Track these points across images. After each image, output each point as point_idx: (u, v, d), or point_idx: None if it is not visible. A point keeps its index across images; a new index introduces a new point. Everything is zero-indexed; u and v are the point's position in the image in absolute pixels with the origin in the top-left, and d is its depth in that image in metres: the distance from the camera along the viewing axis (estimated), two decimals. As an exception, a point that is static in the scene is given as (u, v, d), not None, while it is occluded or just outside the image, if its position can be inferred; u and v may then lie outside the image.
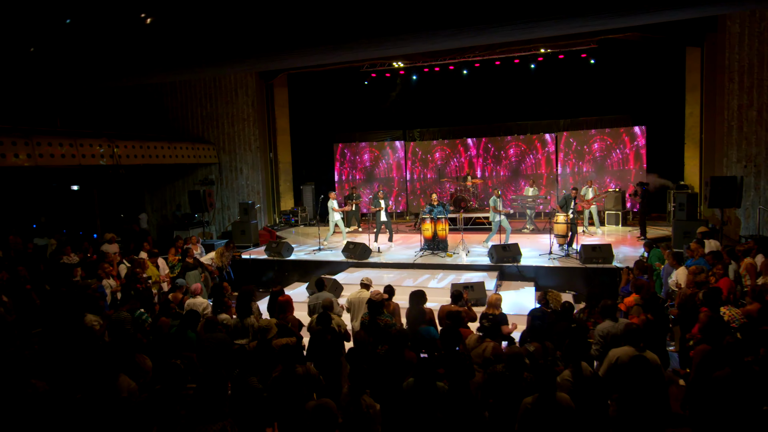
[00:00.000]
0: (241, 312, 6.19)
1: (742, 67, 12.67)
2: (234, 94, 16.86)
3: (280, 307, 6.24)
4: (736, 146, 12.92)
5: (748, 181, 12.78)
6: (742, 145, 12.88)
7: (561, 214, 10.57)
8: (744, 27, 12.60)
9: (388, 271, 10.37)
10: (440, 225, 11.09)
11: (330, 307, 6.06)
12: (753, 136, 12.75)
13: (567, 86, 16.29)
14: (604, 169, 16.08)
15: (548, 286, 9.72)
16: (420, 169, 18.05)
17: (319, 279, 7.27)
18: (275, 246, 11.58)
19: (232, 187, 17.19)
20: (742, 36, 12.65)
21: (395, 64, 17.00)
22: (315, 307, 6.92)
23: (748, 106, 12.73)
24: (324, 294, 7.05)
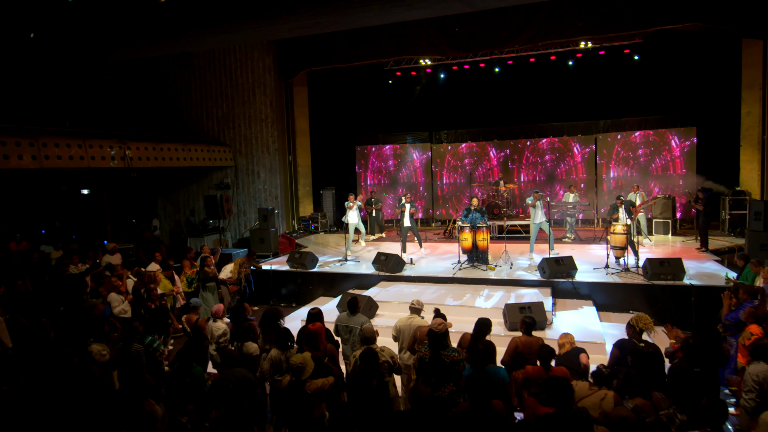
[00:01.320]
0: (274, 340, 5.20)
1: (810, 61, 11.49)
2: (251, 94, 15.96)
3: (312, 337, 5.20)
4: (803, 149, 11.72)
5: (815, 187, 11.61)
6: (810, 148, 11.68)
7: (619, 223, 9.44)
8: (812, 17, 11.42)
9: (425, 286, 9.32)
10: (480, 234, 10.02)
11: (372, 340, 5.02)
12: (821, 138, 11.55)
13: (608, 84, 15.15)
14: (648, 173, 14.90)
15: (606, 305, 8.64)
16: (447, 173, 16.99)
17: (353, 299, 6.21)
18: (298, 257, 10.59)
19: (248, 191, 16.27)
20: (810, 27, 11.48)
21: (422, 62, 16.01)
22: (341, 329, 5.93)
23: (817, 104, 11.53)
24: (359, 318, 6.00)
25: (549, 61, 15.22)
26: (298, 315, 9.20)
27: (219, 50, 16.02)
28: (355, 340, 5.76)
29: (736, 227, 12.89)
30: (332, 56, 14.18)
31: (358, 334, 5.71)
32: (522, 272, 9.65)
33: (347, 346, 5.90)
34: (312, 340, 5.13)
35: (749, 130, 13.52)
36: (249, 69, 15.92)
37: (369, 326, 5.42)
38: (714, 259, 10.27)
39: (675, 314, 8.25)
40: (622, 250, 9.40)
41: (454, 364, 4.67)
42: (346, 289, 10.05)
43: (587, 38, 12.07)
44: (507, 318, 7.17)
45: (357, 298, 6.12)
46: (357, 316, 5.96)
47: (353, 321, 5.87)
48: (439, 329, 4.87)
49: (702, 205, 10.72)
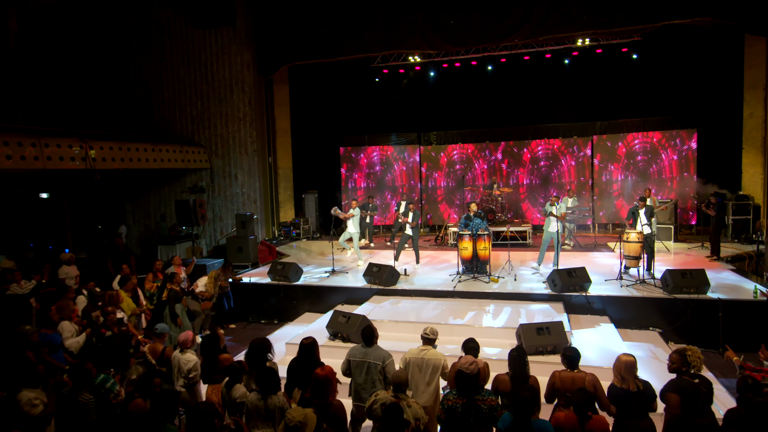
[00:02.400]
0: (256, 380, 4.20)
1: (818, 60, 11.00)
2: (228, 91, 14.86)
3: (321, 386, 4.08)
4: (810, 151, 11.20)
5: (823, 192, 11.11)
6: (817, 151, 11.17)
7: (632, 231, 8.68)
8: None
9: (423, 301, 8.40)
10: (481, 243, 9.16)
11: (403, 387, 4.08)
12: (828, 140, 11.05)
13: (605, 84, 14.55)
14: (647, 176, 14.30)
15: (622, 320, 7.85)
16: (437, 176, 16.15)
17: (368, 328, 5.03)
18: (281, 268, 9.56)
19: (225, 195, 15.13)
20: (818, 25, 10.97)
21: (411, 59, 15.16)
22: (355, 367, 4.91)
23: (824, 105, 11.03)
24: (378, 352, 4.82)
25: (544, 59, 14.53)
26: (281, 335, 8.18)
27: (194, 45, 14.90)
28: (374, 379, 4.75)
29: (741, 233, 12.34)
30: (315, 50, 13.20)
31: (377, 372, 4.74)
32: (529, 285, 8.81)
33: (360, 384, 4.85)
34: (321, 390, 4.03)
35: (752, 132, 13.02)
36: (226, 64, 14.83)
37: (401, 372, 4.43)
38: (729, 268, 9.61)
39: (700, 332, 7.53)
40: (636, 259, 8.65)
41: (491, 411, 3.77)
42: (334, 303, 9.07)
43: (591, 33, 11.38)
44: (523, 340, 6.30)
45: (372, 327, 5.09)
46: (374, 349, 4.95)
47: (371, 355, 4.84)
48: (470, 370, 3.93)
49: (715, 211, 10.06)
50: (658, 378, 6.09)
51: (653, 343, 7.28)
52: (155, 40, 15.14)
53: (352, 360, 4.91)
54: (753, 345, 7.41)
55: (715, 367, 6.80)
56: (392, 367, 4.77)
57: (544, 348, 6.26)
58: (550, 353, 6.29)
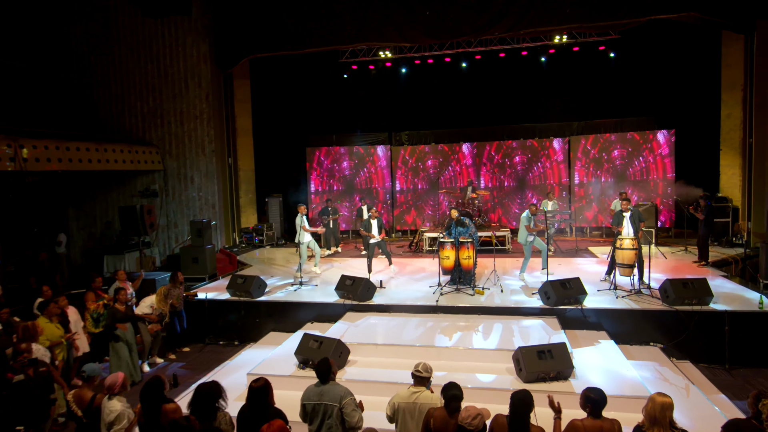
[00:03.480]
0: None
1: (796, 60, 10.78)
2: (183, 86, 13.63)
3: None
4: (790, 153, 10.98)
5: (802, 194, 10.90)
6: (796, 152, 10.95)
7: (627, 237, 8.07)
8: (798, 14, 10.72)
9: (404, 318, 7.52)
10: (464, 251, 8.37)
11: None
12: (808, 141, 10.84)
13: (582, 83, 14.10)
14: (624, 178, 13.92)
15: (619, 334, 7.20)
16: (409, 178, 15.35)
17: (323, 363, 4.13)
18: (242, 282, 8.49)
19: (180, 199, 13.87)
20: (796, 25, 10.77)
21: (381, 54, 14.33)
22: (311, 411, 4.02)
23: (803, 106, 10.83)
24: (335, 391, 3.98)
25: (520, 57, 13.97)
26: (242, 362, 7.15)
27: (144, 35, 13.60)
28: (333, 425, 3.86)
29: (721, 236, 12.05)
30: (279, 42, 12.15)
31: (335, 417, 3.84)
32: (518, 297, 8.07)
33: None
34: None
35: (729, 134, 12.79)
36: (180, 57, 13.60)
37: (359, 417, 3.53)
38: (721, 275, 9.18)
39: (704, 346, 6.96)
40: (630, 268, 8.04)
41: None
42: (303, 321, 8.10)
43: (575, 27, 10.80)
44: (522, 365, 5.52)
45: (329, 361, 4.18)
46: (331, 386, 4.06)
47: (328, 396, 3.96)
48: (474, 426, 3.08)
49: (704, 214, 9.62)
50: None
51: (657, 360, 6.66)
52: (100, 29, 13.75)
53: (306, 404, 4.02)
54: (761, 360, 6.94)
55: (725, 387, 6.21)
56: (351, 407, 3.88)
57: (546, 374, 5.50)
58: (553, 380, 5.53)
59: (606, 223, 13.97)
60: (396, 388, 5.50)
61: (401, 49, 14.18)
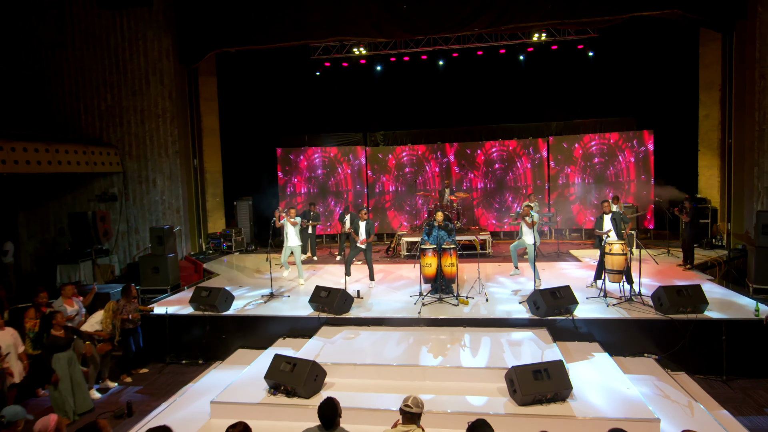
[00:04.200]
0: None
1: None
2: (144, 83, 12.77)
3: None
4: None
5: (781, 195, 10.83)
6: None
7: (616, 242, 7.71)
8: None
9: (385, 333, 6.95)
10: (447, 258, 7.87)
11: None
12: (786, 142, 10.77)
13: (561, 83, 13.83)
14: (604, 179, 13.70)
15: (611, 345, 6.82)
16: (385, 180, 14.80)
17: (328, 404, 3.55)
18: (206, 295, 7.77)
19: (142, 203, 12.98)
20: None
21: (356, 51, 13.75)
22: None
23: (781, 106, 10.74)
24: None
25: (498, 55, 13.61)
26: (207, 385, 6.45)
27: (101, 28, 12.69)
28: None
29: (700, 238, 11.90)
30: (247, 35, 11.42)
31: None
32: (504, 306, 7.60)
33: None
34: None
35: (708, 134, 12.72)
36: (141, 51, 12.73)
37: None
38: (708, 279, 8.93)
39: (700, 357, 6.62)
40: (620, 274, 7.68)
41: None
42: (274, 335, 7.45)
43: (557, 23, 10.44)
44: (517, 386, 5.03)
45: (334, 403, 3.53)
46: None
47: None
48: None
49: (689, 216, 9.37)
50: (671, 422, 5.03)
51: (654, 374, 6.28)
52: (53, 21, 12.76)
53: None
54: (759, 370, 6.64)
55: (726, 401, 5.86)
56: None
57: (543, 396, 5.02)
58: (551, 401, 5.05)
59: (588, 225, 13.74)
60: (380, 415, 4.96)
61: (376, 46, 13.65)
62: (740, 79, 11.08)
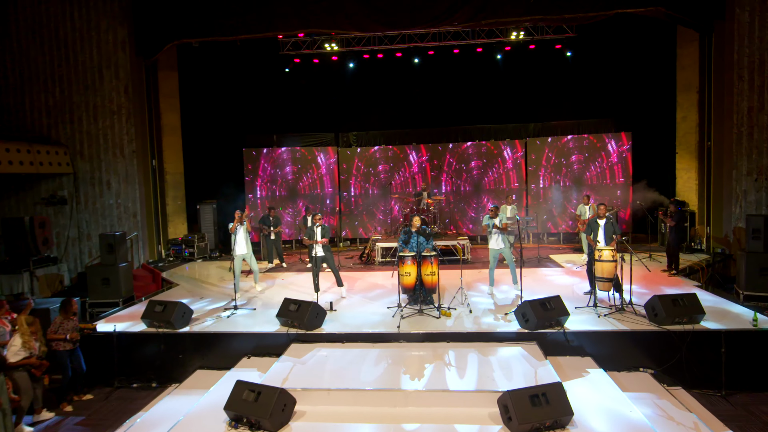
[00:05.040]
0: None
1: (752, 63, 10.59)
2: (97, 76, 11.80)
3: None
4: (746, 156, 10.76)
5: (759, 197, 10.73)
6: (753, 155, 10.75)
7: (606, 248, 7.28)
8: (754, 16, 10.53)
9: (361, 350, 6.30)
10: (427, 267, 7.30)
11: None
12: (764, 145, 10.68)
13: (538, 83, 13.50)
14: (582, 182, 13.42)
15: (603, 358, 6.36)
16: (358, 183, 14.17)
17: None
18: (161, 310, 6.96)
19: (95, 207, 11.99)
20: (752, 26, 10.57)
21: (327, 47, 13.08)
22: None
23: (759, 109, 10.65)
24: None
25: (475, 53, 13.16)
26: (159, 415, 5.65)
27: (48, 17, 11.67)
28: None
29: (680, 242, 11.69)
30: (210, 26, 10.62)
31: None
32: (489, 319, 7.06)
33: None
34: None
35: (685, 137, 12.57)
36: (93, 42, 11.76)
37: None
38: (695, 285, 8.63)
39: (697, 371, 6.21)
40: (610, 282, 7.25)
41: None
42: (238, 354, 6.70)
43: (539, 19, 9.99)
44: (513, 413, 4.47)
45: None
46: None
47: None
48: None
49: (675, 220, 9.07)
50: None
51: (652, 391, 5.83)
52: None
53: None
54: (758, 384, 6.28)
55: (729, 420, 5.45)
56: None
57: (542, 424, 4.47)
58: (549, 429, 4.51)
59: (567, 228, 13.43)
60: (357, 453, 4.32)
61: (349, 41, 13.02)
62: (719, 81, 10.94)
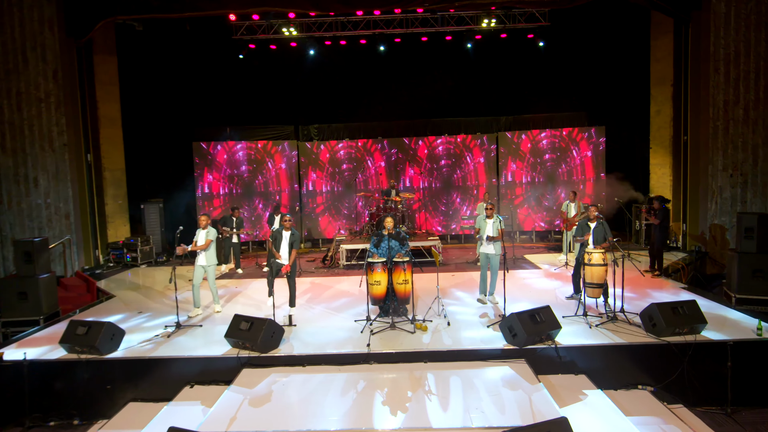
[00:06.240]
0: None
1: (728, 55, 10.24)
2: (21, 59, 10.35)
3: None
4: (722, 151, 10.42)
5: (735, 193, 10.41)
6: (728, 150, 10.42)
7: (596, 251, 6.62)
8: (730, 7, 10.18)
9: (326, 376, 5.38)
10: (400, 274, 6.45)
11: None
12: (739, 139, 10.36)
13: (510, 74, 12.88)
14: (555, 178, 12.89)
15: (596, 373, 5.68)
16: (321, 180, 13.18)
17: None
18: (84, 332, 5.80)
19: (20, 207, 10.53)
20: (728, 17, 10.22)
21: (285, 31, 11.99)
22: None
23: (735, 102, 10.32)
24: None
25: (445, 42, 12.40)
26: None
27: (-38, -11, 10.11)
28: None
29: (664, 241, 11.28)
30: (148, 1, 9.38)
31: None
32: (470, 332, 6.25)
33: None
34: None
35: (659, 131, 12.21)
36: (16, 20, 10.30)
37: None
38: (681, 288, 8.12)
39: (700, 387, 5.60)
40: (600, 288, 6.60)
41: None
42: (179, 382, 5.64)
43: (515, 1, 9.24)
44: (512, 462, 3.66)
45: None
46: None
47: None
48: None
49: (659, 218, 8.54)
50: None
51: (657, 413, 5.17)
52: None
53: None
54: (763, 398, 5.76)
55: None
56: None
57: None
58: (554, 478, 3.73)
59: (540, 226, 12.89)
60: None
61: (309, 26, 12.00)
62: (695, 74, 10.57)
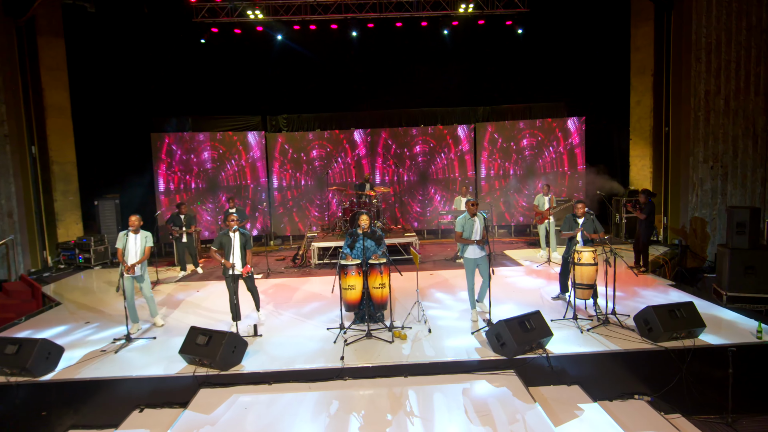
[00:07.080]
0: None
1: (710, 44, 9.98)
2: (-48, 40, 9.31)
3: None
4: (703, 142, 10.19)
5: (715, 186, 10.21)
6: (709, 142, 10.19)
7: (586, 249, 6.18)
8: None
9: (295, 396, 4.78)
10: (376, 277, 5.89)
11: None
12: (720, 131, 10.14)
13: (488, 64, 12.42)
14: (534, 170, 12.51)
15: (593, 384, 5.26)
16: (291, 173, 12.48)
17: None
18: (14, 351, 5.04)
19: (-46, 206, 9.53)
20: (710, 4, 9.94)
21: (250, 14, 11.20)
22: None
23: (716, 92, 10.09)
24: None
25: (420, 28, 11.80)
26: None
27: None
28: None
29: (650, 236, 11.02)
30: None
31: None
32: (453, 341, 5.74)
33: None
34: None
35: (640, 122, 11.93)
36: (-54, -3, 9.24)
37: None
38: (669, 284, 7.80)
39: (698, 395, 5.23)
40: (590, 289, 6.18)
41: None
42: (126, 405, 4.95)
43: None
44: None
45: None
46: None
47: None
48: None
49: (645, 212, 8.21)
50: None
51: (657, 427, 4.75)
52: None
53: None
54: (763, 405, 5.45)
55: (745, 460, 4.50)
56: None
57: None
58: None
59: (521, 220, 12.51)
60: None
61: (276, 9, 11.23)
62: (677, 63, 10.28)
